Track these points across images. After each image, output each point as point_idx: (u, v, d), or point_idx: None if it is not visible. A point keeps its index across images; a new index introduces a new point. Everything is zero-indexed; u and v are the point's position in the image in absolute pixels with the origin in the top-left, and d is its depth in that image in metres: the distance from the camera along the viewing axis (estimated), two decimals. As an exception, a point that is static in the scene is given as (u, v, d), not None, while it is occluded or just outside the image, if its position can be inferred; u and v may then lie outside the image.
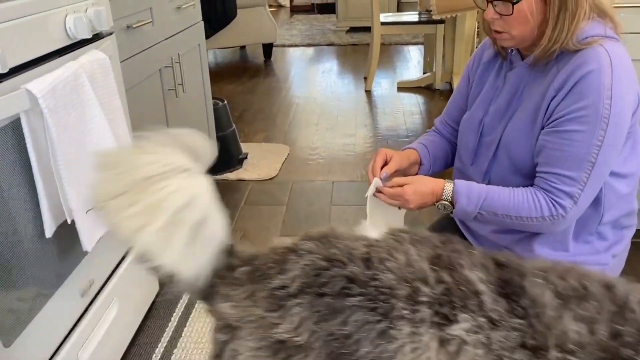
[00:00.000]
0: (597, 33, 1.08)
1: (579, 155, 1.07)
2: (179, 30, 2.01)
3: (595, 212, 1.17)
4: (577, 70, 1.06)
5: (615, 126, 1.05)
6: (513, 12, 1.08)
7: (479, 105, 1.26)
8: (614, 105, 1.04)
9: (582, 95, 1.05)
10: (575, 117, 1.07)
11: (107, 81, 1.22)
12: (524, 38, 1.12)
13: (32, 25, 1.04)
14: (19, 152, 1.01)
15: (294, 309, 0.74)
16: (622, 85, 1.04)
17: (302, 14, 7.45)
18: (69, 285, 1.18)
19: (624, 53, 1.08)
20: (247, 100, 3.83)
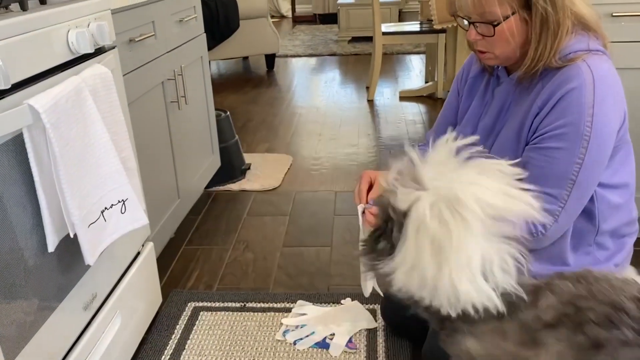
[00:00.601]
0: (581, 48, 1.07)
1: (559, 173, 1.08)
2: (182, 43, 2.03)
3: (590, 224, 1.17)
4: (559, 87, 1.06)
5: (597, 144, 1.05)
6: (494, 33, 1.09)
7: (468, 121, 1.27)
8: (596, 123, 1.03)
9: (563, 113, 1.05)
10: (556, 134, 1.07)
11: (110, 95, 1.23)
12: (507, 57, 1.13)
13: (35, 40, 1.05)
14: (22, 167, 1.01)
15: (550, 342, 0.68)
16: (605, 102, 1.04)
17: (304, 24, 7.49)
18: (71, 298, 1.18)
19: (608, 68, 1.08)
20: (249, 111, 3.84)
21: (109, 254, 1.34)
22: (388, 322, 1.53)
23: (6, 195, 0.97)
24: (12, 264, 0.98)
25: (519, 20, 1.07)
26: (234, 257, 2.01)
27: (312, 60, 5.45)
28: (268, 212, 2.36)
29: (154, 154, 1.78)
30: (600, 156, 1.07)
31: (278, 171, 2.76)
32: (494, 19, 1.07)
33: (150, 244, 1.61)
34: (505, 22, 1.07)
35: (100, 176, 1.16)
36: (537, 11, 1.05)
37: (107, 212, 1.18)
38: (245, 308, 1.69)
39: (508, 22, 1.07)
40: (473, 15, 1.09)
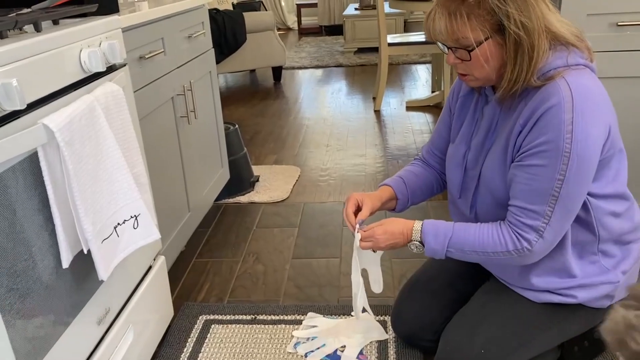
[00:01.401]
0: (559, 65, 1.09)
1: (542, 190, 1.09)
2: (191, 59, 2.06)
3: (590, 233, 1.18)
4: (539, 106, 1.07)
5: (578, 160, 1.06)
6: (471, 58, 1.11)
7: (461, 139, 1.30)
8: (575, 139, 1.05)
9: (543, 130, 1.07)
10: (537, 151, 1.09)
11: (121, 112, 1.25)
12: (487, 79, 1.15)
13: (48, 61, 1.08)
14: (36, 185, 1.03)
15: None
16: (585, 118, 1.05)
17: (311, 36, 7.54)
18: (85, 313, 1.19)
19: (589, 82, 1.09)
20: (257, 123, 3.87)
21: (122, 268, 1.35)
22: (399, 334, 1.54)
23: (21, 213, 0.99)
24: (28, 280, 1.00)
25: (494, 44, 1.09)
26: (244, 270, 2.03)
27: (318, 71, 5.48)
28: (277, 223, 2.38)
29: (164, 168, 1.80)
30: (583, 171, 1.08)
31: (286, 183, 2.78)
32: (469, 44, 1.10)
33: (161, 257, 1.63)
34: (479, 48, 1.09)
35: (113, 192, 1.18)
36: (510, 36, 1.07)
37: (120, 227, 1.20)
38: (256, 320, 1.69)
39: (482, 47, 1.09)
40: (449, 42, 1.12)
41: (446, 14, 1.09)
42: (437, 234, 1.22)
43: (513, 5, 1.06)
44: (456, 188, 1.32)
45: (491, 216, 1.22)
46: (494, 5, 1.06)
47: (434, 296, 1.45)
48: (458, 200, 1.33)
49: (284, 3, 7.98)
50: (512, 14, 1.05)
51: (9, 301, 0.94)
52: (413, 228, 1.24)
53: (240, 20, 4.49)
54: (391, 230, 1.26)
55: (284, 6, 8.01)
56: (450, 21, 1.09)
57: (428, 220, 1.25)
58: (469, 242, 1.19)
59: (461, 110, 1.32)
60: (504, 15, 1.06)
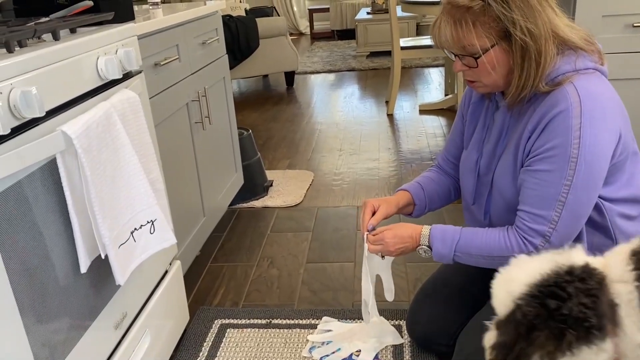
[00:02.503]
0: (567, 70, 1.09)
1: (549, 195, 1.09)
2: (205, 65, 2.08)
3: (606, 237, 1.17)
4: (548, 111, 1.07)
5: (586, 165, 1.06)
6: (478, 65, 1.11)
7: (474, 146, 1.30)
8: (583, 144, 1.04)
9: (551, 136, 1.07)
10: (545, 157, 1.08)
11: (138, 119, 1.27)
12: (496, 85, 1.15)
13: (66, 68, 1.09)
14: (55, 191, 1.05)
15: None
16: (593, 124, 1.04)
17: (323, 41, 7.56)
18: (103, 318, 1.21)
19: (598, 87, 1.08)
20: (270, 128, 3.89)
21: (138, 273, 1.37)
22: (414, 338, 1.53)
23: (40, 219, 1.01)
24: (47, 285, 1.02)
25: (500, 51, 1.09)
26: (259, 274, 2.03)
27: (331, 76, 5.49)
28: (291, 228, 2.38)
29: (179, 173, 1.82)
30: (591, 177, 1.07)
31: (300, 187, 2.79)
32: (475, 51, 1.10)
33: (177, 262, 1.64)
34: (486, 55, 1.09)
35: (129, 198, 1.19)
36: (516, 42, 1.07)
37: (137, 232, 1.21)
38: (271, 325, 1.70)
39: (489, 54, 1.09)
40: (455, 49, 1.12)
41: (452, 21, 1.10)
42: (445, 239, 1.22)
43: (518, 11, 1.05)
44: (470, 194, 1.32)
45: (505, 222, 1.22)
46: (499, 13, 1.06)
47: (449, 300, 1.45)
48: (472, 207, 1.33)
49: (296, 8, 8.02)
50: (518, 20, 1.05)
51: (28, 306, 0.96)
52: (422, 233, 1.25)
53: (253, 26, 4.52)
54: (400, 234, 1.26)
55: (296, 11, 8.04)
56: (455, 29, 1.09)
57: (437, 225, 1.25)
58: (476, 246, 1.19)
59: (472, 117, 1.33)
60: (510, 22, 1.06)
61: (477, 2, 1.07)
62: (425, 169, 2.93)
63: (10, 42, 0.99)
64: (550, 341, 0.81)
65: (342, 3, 7.41)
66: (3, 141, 0.89)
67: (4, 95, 0.90)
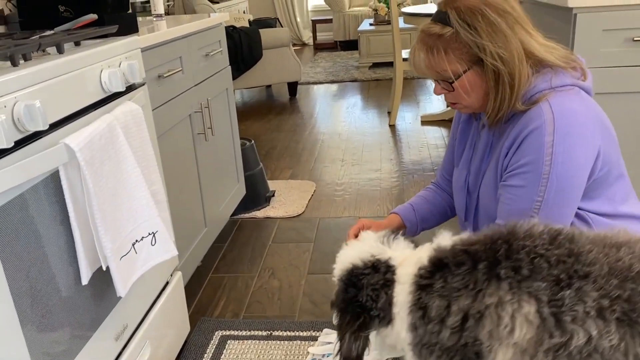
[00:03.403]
0: (544, 88, 1.11)
1: (521, 210, 1.11)
2: (208, 76, 2.09)
3: None
4: (523, 129, 1.10)
5: (557, 183, 1.07)
6: (453, 89, 1.15)
7: (463, 164, 1.33)
8: (555, 162, 1.06)
9: (525, 152, 1.09)
10: (519, 172, 1.11)
11: (141, 131, 1.28)
12: (475, 106, 1.19)
13: (70, 82, 1.11)
14: (57, 203, 1.05)
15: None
16: (566, 141, 1.06)
17: (326, 52, 7.60)
18: (104, 329, 1.21)
19: (574, 103, 1.09)
20: (273, 138, 3.90)
21: (139, 284, 1.37)
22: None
23: (43, 231, 1.01)
24: (48, 296, 1.02)
25: (474, 75, 1.13)
26: (260, 285, 2.03)
27: (333, 86, 5.52)
28: (292, 238, 2.38)
29: (182, 184, 1.82)
30: (563, 193, 1.08)
31: (302, 197, 2.79)
32: (448, 77, 1.14)
33: (178, 273, 1.64)
34: (459, 80, 1.13)
35: (131, 210, 1.20)
36: (487, 67, 1.10)
37: (138, 244, 1.22)
38: (271, 337, 1.70)
39: (462, 79, 1.13)
40: (430, 75, 1.17)
41: (425, 49, 1.15)
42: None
43: (487, 37, 1.09)
44: (461, 211, 1.35)
45: None
46: (467, 40, 1.09)
47: None
48: (464, 223, 1.36)
49: (299, 19, 8.07)
50: (487, 46, 1.08)
51: (29, 316, 0.96)
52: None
53: (256, 36, 4.55)
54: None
55: (299, 22, 8.09)
56: (428, 56, 1.14)
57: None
58: None
59: (462, 136, 1.36)
60: (479, 48, 1.09)
61: (447, 29, 1.11)
62: (427, 179, 2.94)
63: (15, 56, 1.00)
64: (354, 322, 0.99)
65: (345, 14, 7.46)
66: (7, 154, 0.90)
67: (7, 109, 0.91)
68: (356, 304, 1.00)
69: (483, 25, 1.09)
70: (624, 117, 1.78)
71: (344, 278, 1.03)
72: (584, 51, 1.74)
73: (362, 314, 0.99)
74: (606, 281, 0.77)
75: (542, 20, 2.11)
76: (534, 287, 0.81)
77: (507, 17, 1.10)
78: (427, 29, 1.15)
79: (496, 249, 0.87)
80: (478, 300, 0.85)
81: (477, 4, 1.10)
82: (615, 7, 1.71)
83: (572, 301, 0.77)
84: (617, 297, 0.76)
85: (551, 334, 0.78)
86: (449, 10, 1.12)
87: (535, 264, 0.83)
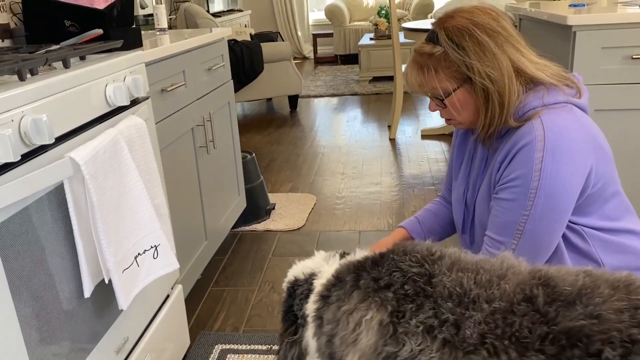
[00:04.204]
0: (536, 105, 1.13)
1: (509, 223, 1.14)
2: (210, 90, 2.11)
3: (594, 263, 1.19)
4: (515, 144, 1.12)
5: (545, 199, 1.09)
6: (445, 106, 1.19)
7: (461, 178, 1.36)
8: (543, 178, 1.08)
9: (515, 167, 1.12)
10: (508, 186, 1.13)
11: (144, 145, 1.29)
12: (471, 122, 1.22)
13: (76, 96, 1.12)
14: (61, 216, 1.06)
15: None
16: (556, 157, 1.08)
17: (326, 65, 7.65)
18: (105, 342, 1.21)
19: (566, 120, 1.11)
20: (273, 151, 3.91)
21: (140, 297, 1.37)
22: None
23: (46, 243, 1.02)
24: (50, 309, 1.02)
25: (464, 92, 1.16)
26: (260, 298, 2.03)
27: (334, 100, 5.55)
28: (293, 252, 2.38)
29: (183, 197, 1.83)
30: (550, 209, 1.10)
31: (302, 211, 2.80)
32: (439, 95, 1.18)
33: (179, 286, 1.64)
34: (449, 98, 1.17)
35: (134, 223, 1.20)
36: (476, 86, 1.13)
37: (140, 257, 1.22)
38: (271, 351, 1.69)
39: (453, 97, 1.16)
40: (423, 93, 1.21)
41: (417, 67, 1.18)
42: None
43: (476, 57, 1.11)
44: (459, 225, 1.37)
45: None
46: (456, 59, 1.12)
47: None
48: (463, 236, 1.38)
49: (300, 33, 8.13)
50: (475, 65, 1.11)
51: (31, 328, 0.97)
52: None
53: (258, 50, 4.58)
54: (386, 243, 1.37)
55: (300, 36, 8.15)
56: (419, 74, 1.18)
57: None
58: None
59: (459, 150, 1.39)
60: (468, 68, 1.12)
61: (438, 48, 1.15)
62: (427, 193, 2.95)
63: (22, 71, 1.01)
64: (288, 330, 1.09)
65: (345, 28, 7.52)
66: (13, 167, 0.91)
67: (15, 123, 0.92)
68: (291, 313, 1.09)
69: (471, 45, 1.11)
70: (622, 134, 1.80)
71: (286, 289, 1.12)
72: (583, 68, 1.76)
73: (294, 322, 1.08)
74: (443, 303, 0.81)
75: (542, 38, 2.13)
76: (383, 297, 0.87)
77: (496, 36, 1.12)
78: (419, 48, 1.19)
79: (369, 262, 0.95)
80: (340, 308, 0.93)
81: (466, 24, 1.13)
82: (614, 25, 1.73)
83: (410, 315, 0.82)
84: (446, 320, 0.79)
85: (386, 342, 0.83)
86: (439, 30, 1.15)
87: (392, 277, 0.88)
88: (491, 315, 0.76)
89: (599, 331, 0.69)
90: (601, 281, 0.76)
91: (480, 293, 0.80)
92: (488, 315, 0.76)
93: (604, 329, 0.68)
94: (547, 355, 0.70)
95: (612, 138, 1.24)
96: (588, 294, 0.74)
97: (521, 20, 2.51)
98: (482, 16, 1.13)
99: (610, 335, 0.68)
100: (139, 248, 1.22)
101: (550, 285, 0.78)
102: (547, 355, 0.70)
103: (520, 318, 0.74)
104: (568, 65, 1.79)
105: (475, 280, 0.83)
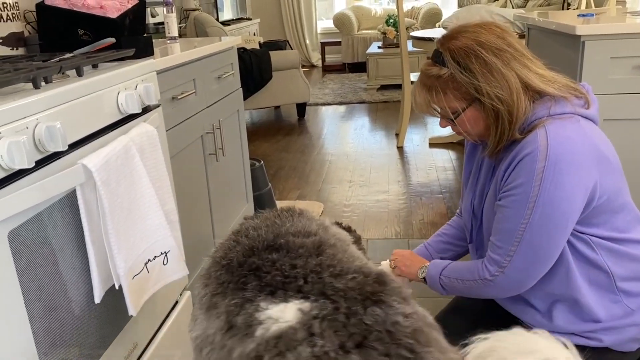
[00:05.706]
0: (542, 115, 1.13)
1: (509, 229, 1.14)
2: (220, 98, 2.12)
3: (601, 272, 1.18)
4: (518, 153, 1.13)
5: (544, 208, 1.09)
6: (456, 124, 1.20)
7: (470, 188, 1.38)
8: (544, 188, 1.08)
9: (517, 175, 1.12)
10: (510, 194, 1.14)
11: (155, 152, 1.30)
12: (480, 136, 1.23)
13: (89, 104, 1.13)
14: (72, 222, 1.07)
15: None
16: (558, 167, 1.07)
17: (334, 73, 7.67)
18: (114, 348, 1.22)
19: (572, 131, 1.10)
20: (281, 159, 3.93)
21: (150, 304, 1.38)
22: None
23: (58, 249, 1.03)
24: (61, 314, 1.03)
25: (474, 111, 1.16)
26: (268, 306, 2.03)
27: (341, 108, 5.56)
28: (300, 260, 2.38)
29: (192, 204, 1.84)
30: (550, 218, 1.10)
31: (310, 219, 2.80)
32: (448, 115, 1.18)
33: (187, 292, 1.65)
34: (459, 117, 1.17)
35: (145, 229, 1.21)
36: (485, 106, 1.14)
37: (151, 263, 1.23)
38: (279, 358, 1.69)
39: (461, 116, 1.17)
40: (431, 112, 1.22)
41: (425, 88, 1.19)
42: (437, 264, 1.33)
43: (483, 78, 1.11)
44: (468, 234, 1.38)
45: None
46: (463, 82, 1.12)
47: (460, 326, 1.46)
48: (470, 245, 1.39)
49: (308, 41, 8.17)
50: (484, 87, 1.11)
51: (43, 334, 0.98)
52: (426, 262, 1.37)
53: (266, 58, 4.61)
54: (411, 256, 1.41)
55: (309, 44, 8.19)
56: (426, 95, 1.18)
57: (438, 260, 1.38)
58: (455, 270, 1.27)
59: (469, 159, 1.40)
60: (476, 90, 1.12)
61: (445, 70, 1.14)
62: (435, 202, 2.95)
63: (37, 79, 1.03)
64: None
65: (353, 37, 7.55)
66: (27, 174, 0.92)
67: (29, 130, 0.93)
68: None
69: (477, 66, 1.10)
70: (631, 144, 1.79)
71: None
72: (592, 78, 1.76)
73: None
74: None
75: (551, 48, 2.13)
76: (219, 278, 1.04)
77: (502, 55, 1.11)
78: (425, 70, 1.18)
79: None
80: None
81: (471, 45, 1.12)
82: (623, 35, 1.73)
83: (223, 291, 0.97)
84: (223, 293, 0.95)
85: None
86: (444, 51, 1.15)
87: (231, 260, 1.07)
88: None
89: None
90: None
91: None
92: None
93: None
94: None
95: (620, 147, 1.23)
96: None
97: (530, 30, 2.52)
98: (487, 35, 1.13)
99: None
100: (150, 254, 1.23)
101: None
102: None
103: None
104: (577, 75, 1.79)
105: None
